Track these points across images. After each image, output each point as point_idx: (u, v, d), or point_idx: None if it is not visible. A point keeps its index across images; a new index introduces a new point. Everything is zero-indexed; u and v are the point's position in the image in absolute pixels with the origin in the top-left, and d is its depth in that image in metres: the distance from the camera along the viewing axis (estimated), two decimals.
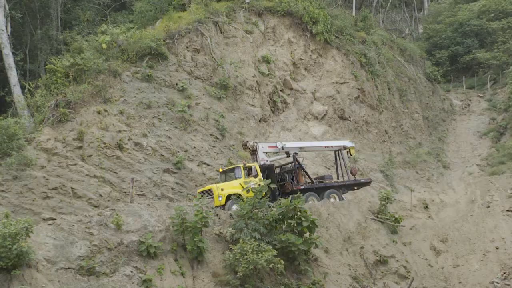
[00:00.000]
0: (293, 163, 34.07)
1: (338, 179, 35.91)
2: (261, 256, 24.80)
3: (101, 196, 31.01)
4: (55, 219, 24.03)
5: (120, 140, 33.03)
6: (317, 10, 47.93)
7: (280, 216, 27.61)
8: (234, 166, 32.57)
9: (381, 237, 32.38)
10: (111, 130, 33.14)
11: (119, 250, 23.71)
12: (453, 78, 69.64)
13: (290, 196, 29.28)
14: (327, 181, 34.82)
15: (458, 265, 32.50)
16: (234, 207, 28.88)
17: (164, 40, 38.71)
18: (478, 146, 53.06)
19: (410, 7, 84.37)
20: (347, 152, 36.62)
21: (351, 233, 31.75)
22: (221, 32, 43.19)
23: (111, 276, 22.88)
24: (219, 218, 27.81)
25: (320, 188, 33.83)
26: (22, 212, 27.97)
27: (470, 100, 63.56)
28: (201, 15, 42.04)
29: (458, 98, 64.60)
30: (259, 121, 41.01)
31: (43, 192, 29.57)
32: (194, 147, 35.56)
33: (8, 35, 39.05)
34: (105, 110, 33.76)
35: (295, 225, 27.45)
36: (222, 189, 30.14)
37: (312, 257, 28.55)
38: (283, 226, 27.83)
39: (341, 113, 45.83)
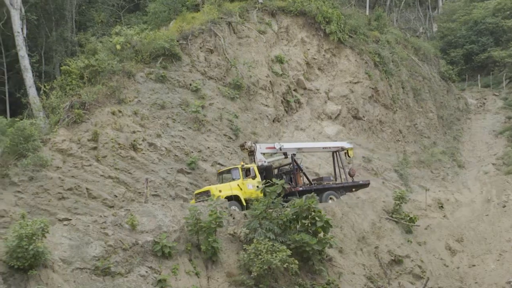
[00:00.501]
0: (291, 164, 33.73)
1: (336, 180, 35.45)
2: (275, 256, 24.81)
3: (116, 196, 31.16)
4: (70, 219, 24.20)
5: (134, 140, 33.17)
6: (330, 10, 47.85)
7: (294, 216, 27.60)
8: (231, 167, 32.07)
9: (396, 237, 32.28)
10: (125, 131, 33.30)
11: (134, 250, 23.81)
12: (468, 77, 69.14)
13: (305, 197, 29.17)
14: (325, 183, 34.37)
15: (474, 265, 32.35)
16: (233, 207, 28.83)
17: (177, 41, 38.86)
18: (494, 145, 52.65)
19: (424, 6, 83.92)
20: (345, 153, 36.20)
21: (365, 232, 31.66)
22: (234, 32, 43.24)
23: (126, 276, 22.99)
24: (233, 218, 27.85)
25: (318, 190, 33.11)
26: (38, 213, 28.18)
27: (485, 99, 63.08)
28: (214, 15, 42.15)
29: (473, 97, 64.15)
30: (273, 121, 41.00)
31: (59, 192, 29.77)
32: (208, 147, 35.63)
33: (24, 37, 39.39)
34: (120, 111, 33.92)
35: (309, 225, 27.45)
36: (220, 191, 29.62)
37: (326, 257, 28.51)
38: (297, 226, 27.82)
39: (355, 113, 45.69)
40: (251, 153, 32.39)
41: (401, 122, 48.90)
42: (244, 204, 30.03)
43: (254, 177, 30.70)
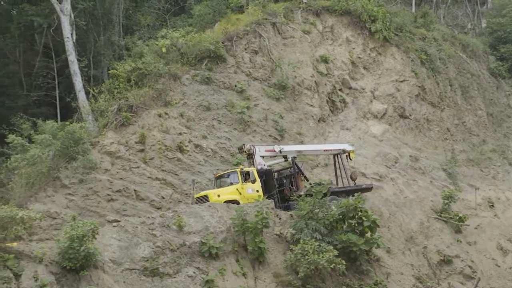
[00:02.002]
0: (291, 168, 32.23)
1: (337, 184, 33.74)
2: (322, 257, 24.81)
3: (163, 198, 31.55)
4: (119, 221, 24.64)
5: (180, 142, 33.52)
6: (375, 8, 47.42)
7: (341, 216, 27.55)
8: (230, 170, 30.96)
9: (445, 237, 31.90)
10: (171, 133, 33.69)
11: (182, 251, 24.10)
12: None
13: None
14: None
15: None
16: None
17: (222, 43, 39.16)
18: None
19: (473, 1, 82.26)
20: (347, 156, 34.49)
21: (413, 232, 31.38)
22: (279, 33, 43.30)
23: (174, 277, 23.30)
24: (280, 218, 27.93)
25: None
26: (88, 215, 28.76)
27: None
28: (258, 16, 42.32)
29: None
30: (318, 121, 40.87)
31: (108, 194, 30.32)
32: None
33: (74, 42, 40.13)
34: (166, 113, 34.34)
35: (356, 225, 27.37)
36: (218, 195, 28.60)
37: (374, 257, 28.37)
38: (344, 226, 27.77)
39: (401, 112, 45.17)
40: (250, 156, 31.06)
41: (449, 120, 48.11)
42: None
43: (254, 181, 29.47)
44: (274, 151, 31.77)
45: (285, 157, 32.32)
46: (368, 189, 33.48)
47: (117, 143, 32.18)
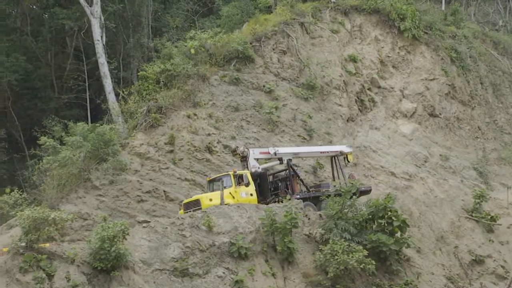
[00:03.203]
0: (287, 170, 31.29)
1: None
2: (352, 257, 24.79)
3: None
4: (149, 221, 24.85)
5: (209, 143, 33.67)
6: (404, 6, 47.06)
7: (370, 216, 27.51)
8: (222, 174, 30.24)
9: (476, 236, 31.63)
10: (200, 134, 33.86)
11: (211, 252, 24.24)
12: None
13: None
14: (324, 190, 31.20)
15: None
16: None
17: (250, 43, 39.25)
18: None
19: None
20: (344, 158, 33.56)
21: (444, 232, 31.18)
22: (307, 33, 43.25)
23: (204, 277, 23.44)
24: (309, 218, 27.93)
25: (316, 198, 30.39)
26: (119, 215, 29.08)
27: None
28: (287, 16, 42.32)
29: None
30: (347, 120, 40.71)
31: (138, 195, 30.59)
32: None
33: (103, 44, 40.54)
34: (195, 114, 34.53)
35: (386, 224, 27.27)
36: (210, 200, 27.76)
37: (404, 257, 28.25)
38: (374, 226, 27.72)
39: (431, 110, 44.75)
40: (244, 158, 30.25)
41: (480, 118, 47.53)
42: None
43: (247, 185, 28.80)
44: (269, 153, 30.86)
45: (280, 159, 31.38)
46: (367, 191, 32.16)
47: (146, 144, 32.44)
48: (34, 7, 50.92)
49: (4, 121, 45.29)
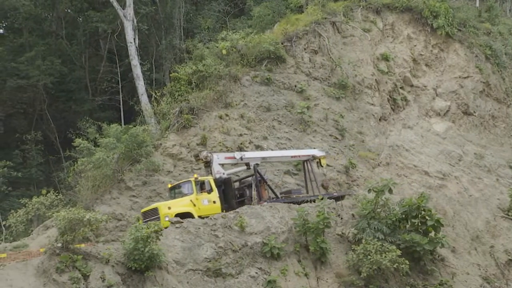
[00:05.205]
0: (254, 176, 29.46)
1: (307, 193, 31.26)
2: (385, 256, 24.64)
3: None
4: (182, 222, 24.97)
5: (241, 143, 33.72)
6: (437, 4, 46.62)
7: (404, 216, 27.30)
8: (184, 180, 28.65)
9: None
10: (232, 134, 33.95)
11: (244, 252, 24.30)
12: None
13: None
14: (294, 196, 29.97)
15: None
16: None
17: (282, 43, 39.32)
18: None
19: None
20: (317, 162, 32.02)
21: (479, 231, 30.78)
22: (339, 32, 43.12)
23: (237, 277, 23.50)
24: (341, 218, 27.85)
25: (286, 204, 28.61)
26: None
27: None
28: (318, 16, 42.26)
29: None
30: (379, 119, 40.47)
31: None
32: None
33: (136, 47, 40.99)
34: (226, 115, 34.66)
35: (420, 224, 27.07)
36: (169, 208, 26.13)
37: (438, 257, 27.99)
38: (407, 226, 27.52)
39: (465, 109, 44.23)
40: (207, 164, 28.78)
41: None
42: None
43: (210, 191, 27.19)
44: (235, 158, 29.43)
45: (247, 164, 29.95)
46: (341, 197, 30.78)
47: (179, 145, 32.65)
48: (69, 10, 51.71)
49: (40, 123, 46.13)
